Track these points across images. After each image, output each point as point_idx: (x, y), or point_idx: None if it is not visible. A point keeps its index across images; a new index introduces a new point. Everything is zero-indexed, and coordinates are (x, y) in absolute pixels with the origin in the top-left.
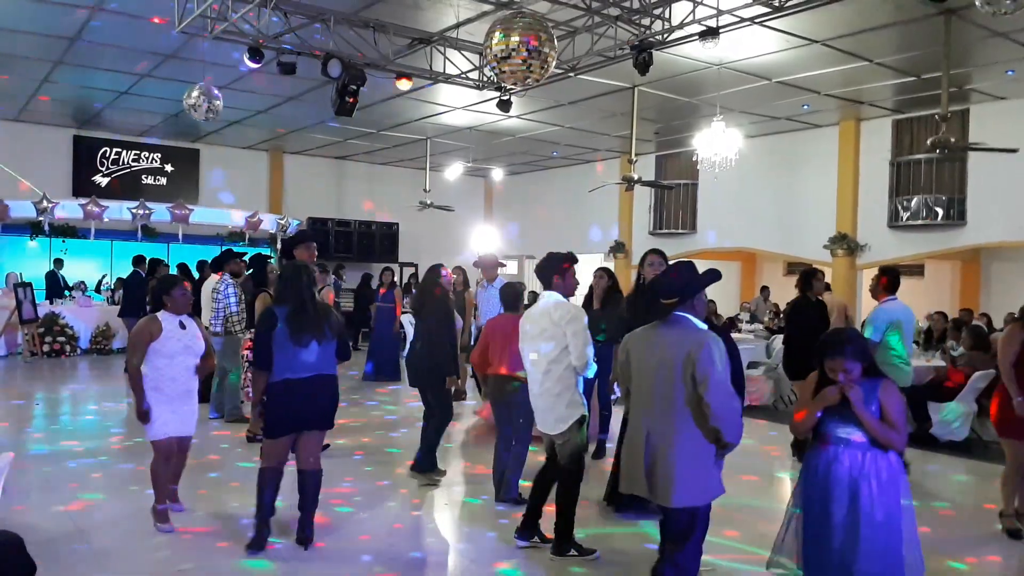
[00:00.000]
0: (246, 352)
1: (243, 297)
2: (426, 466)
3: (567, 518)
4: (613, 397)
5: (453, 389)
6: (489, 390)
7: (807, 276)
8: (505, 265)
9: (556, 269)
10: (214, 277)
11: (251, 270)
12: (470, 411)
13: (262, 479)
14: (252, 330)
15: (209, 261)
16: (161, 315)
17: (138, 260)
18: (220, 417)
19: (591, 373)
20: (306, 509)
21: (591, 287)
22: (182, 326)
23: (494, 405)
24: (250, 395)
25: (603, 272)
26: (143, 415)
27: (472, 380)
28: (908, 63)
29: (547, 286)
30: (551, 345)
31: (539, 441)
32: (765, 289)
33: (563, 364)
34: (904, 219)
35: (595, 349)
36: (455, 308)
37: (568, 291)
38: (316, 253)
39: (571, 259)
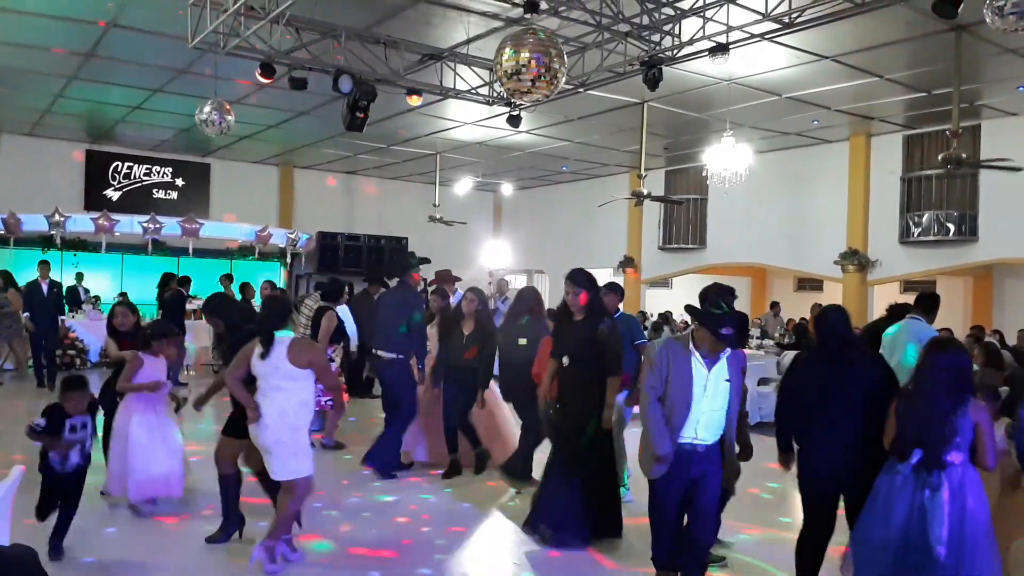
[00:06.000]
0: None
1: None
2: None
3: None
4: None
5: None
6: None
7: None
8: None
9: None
10: None
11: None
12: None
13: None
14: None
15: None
16: None
17: (183, 280)
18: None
19: None
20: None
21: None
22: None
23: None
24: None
25: (475, 294)
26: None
27: None
28: (919, 79)
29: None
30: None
31: None
32: (775, 305)
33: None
34: (915, 235)
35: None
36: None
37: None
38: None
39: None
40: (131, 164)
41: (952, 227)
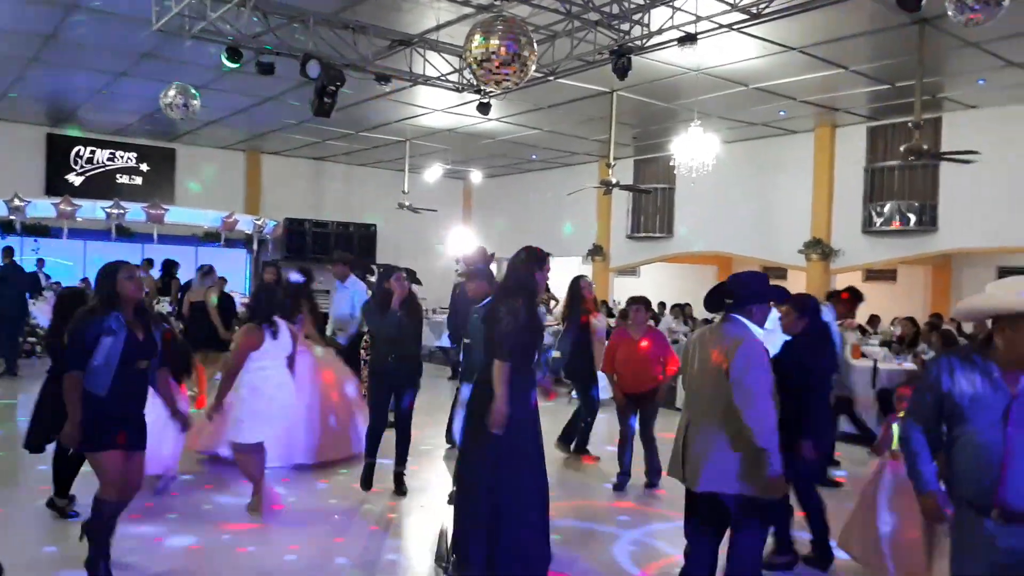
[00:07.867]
0: None
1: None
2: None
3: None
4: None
5: None
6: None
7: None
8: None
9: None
10: None
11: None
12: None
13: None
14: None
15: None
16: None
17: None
18: None
19: None
20: None
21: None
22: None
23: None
24: None
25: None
26: None
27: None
28: (883, 71)
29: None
30: None
31: None
32: None
33: None
34: (877, 224)
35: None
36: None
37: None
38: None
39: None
40: (94, 148)
41: (913, 217)
